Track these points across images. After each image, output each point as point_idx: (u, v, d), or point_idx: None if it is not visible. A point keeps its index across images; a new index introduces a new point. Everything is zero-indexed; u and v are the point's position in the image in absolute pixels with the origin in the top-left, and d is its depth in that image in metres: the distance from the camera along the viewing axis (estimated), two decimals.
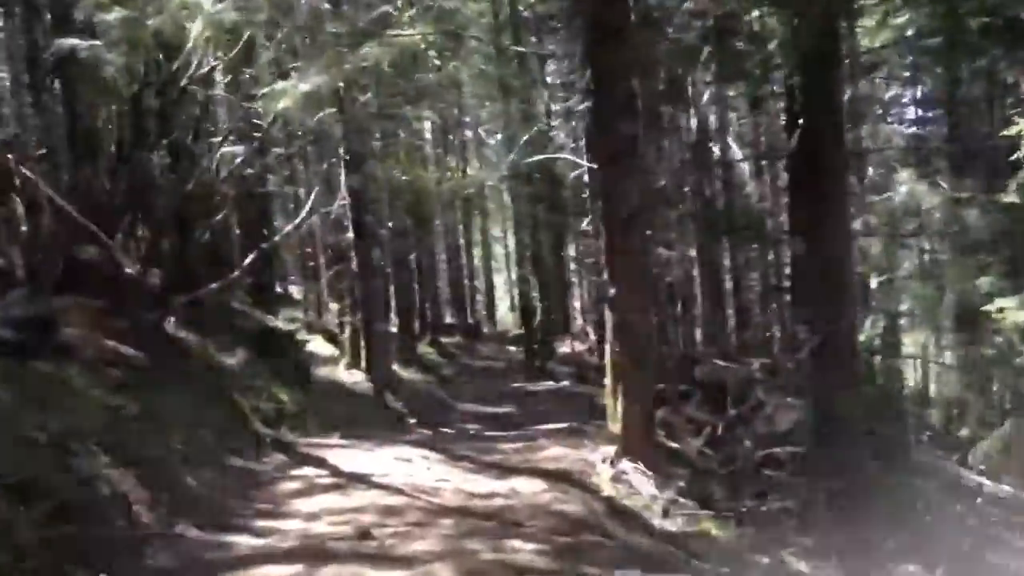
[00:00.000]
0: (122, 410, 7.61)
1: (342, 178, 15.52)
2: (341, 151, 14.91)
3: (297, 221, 12.33)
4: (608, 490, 8.93)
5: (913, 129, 24.58)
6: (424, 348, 25.97)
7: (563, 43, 21.69)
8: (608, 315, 10.00)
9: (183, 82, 9.99)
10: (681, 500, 9.36)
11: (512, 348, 32.91)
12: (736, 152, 15.52)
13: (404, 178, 16.83)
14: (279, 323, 20.63)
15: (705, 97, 15.66)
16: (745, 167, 15.57)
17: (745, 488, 9.92)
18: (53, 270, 8.97)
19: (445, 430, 14.43)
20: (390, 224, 21.76)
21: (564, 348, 29.65)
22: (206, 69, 10.27)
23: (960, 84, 16.62)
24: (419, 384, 18.39)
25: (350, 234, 15.60)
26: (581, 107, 10.99)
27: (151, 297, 10.80)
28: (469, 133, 36.33)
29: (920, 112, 24.85)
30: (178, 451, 7.74)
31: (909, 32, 11.25)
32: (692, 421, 13.34)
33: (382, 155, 16.60)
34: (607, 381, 10.12)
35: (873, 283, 13.81)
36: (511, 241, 45.60)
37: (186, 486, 7.26)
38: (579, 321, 34.87)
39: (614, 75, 9.51)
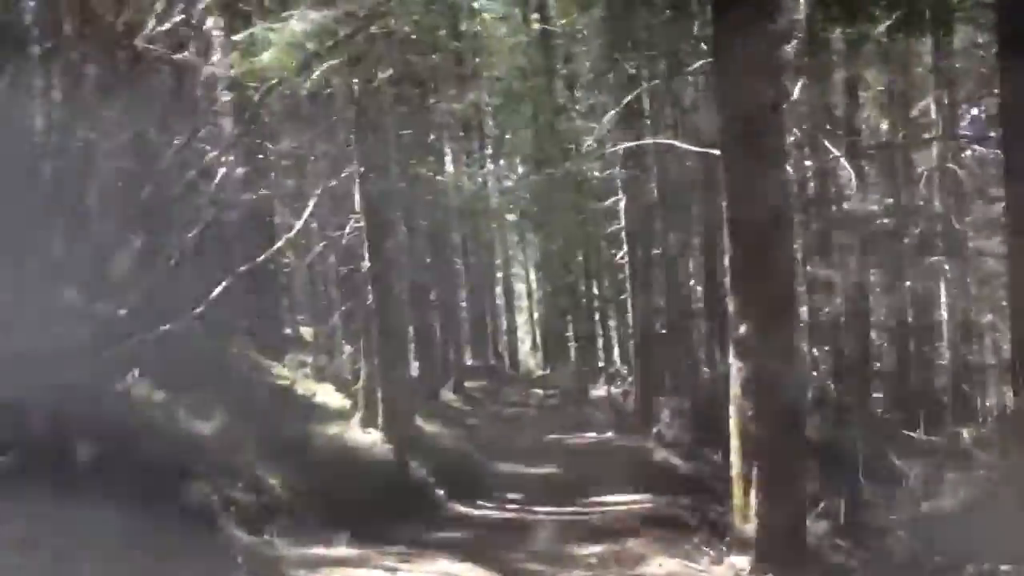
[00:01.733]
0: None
1: (356, 191, 12.37)
2: (352, 149, 11.74)
3: (284, 240, 8.88)
4: None
5: None
6: (447, 395, 22.72)
7: None
8: (734, 362, 6.73)
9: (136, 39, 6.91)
10: None
11: (539, 391, 29.66)
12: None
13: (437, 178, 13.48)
14: (283, 371, 17.48)
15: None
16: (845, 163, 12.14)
17: None
18: None
19: (486, 508, 11.16)
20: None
21: (598, 392, 26.36)
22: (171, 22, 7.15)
23: None
24: (445, 440, 15.11)
25: (365, 263, 12.42)
26: (698, 64, 7.67)
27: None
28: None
29: None
30: None
31: None
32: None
33: (402, 160, 13.46)
34: (732, 457, 6.83)
35: None
36: (532, 276, 42.57)
37: None
38: (611, 362, 31.59)
39: (747, 21, 6.38)
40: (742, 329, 6.56)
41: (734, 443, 6.75)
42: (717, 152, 6.96)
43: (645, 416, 19.96)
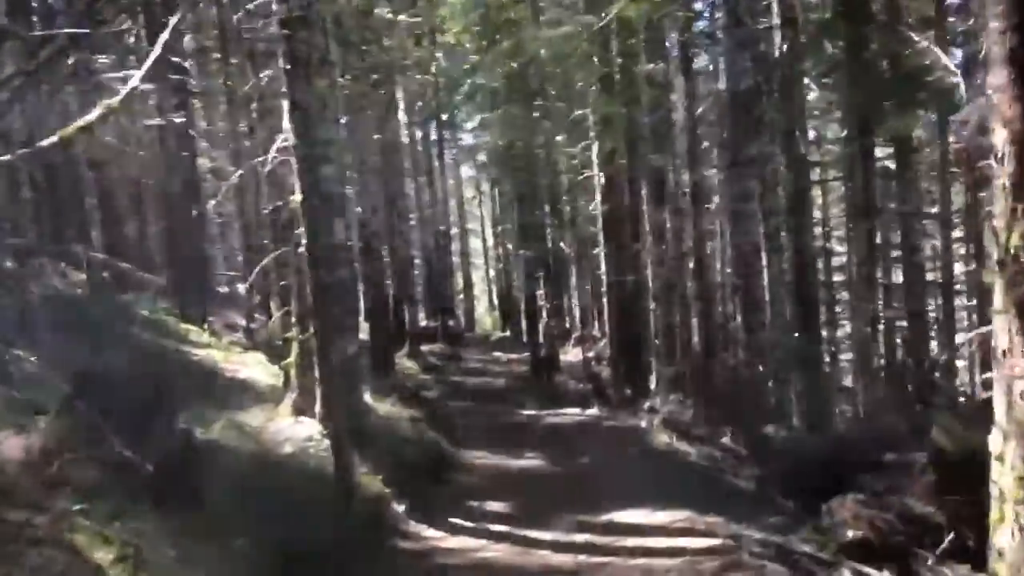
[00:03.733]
0: None
1: (284, 102, 8.74)
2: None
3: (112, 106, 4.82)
4: None
5: None
6: (403, 362, 19.23)
7: None
8: (1002, 343, 3.25)
9: None
10: None
11: (500, 355, 26.33)
12: None
13: None
14: (204, 338, 13.85)
15: None
16: None
17: None
18: None
19: (462, 532, 7.71)
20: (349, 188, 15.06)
21: (569, 356, 23.06)
22: None
23: None
24: (401, 423, 11.60)
25: (296, 195, 8.80)
26: None
27: None
28: None
29: None
30: None
31: None
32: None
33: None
34: (1000, 478, 3.38)
35: None
36: (489, 231, 39.10)
37: None
38: (578, 322, 28.29)
39: None
40: None
41: (1001, 457, 3.32)
42: None
43: (634, 387, 16.68)
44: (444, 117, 34.69)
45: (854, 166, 16.59)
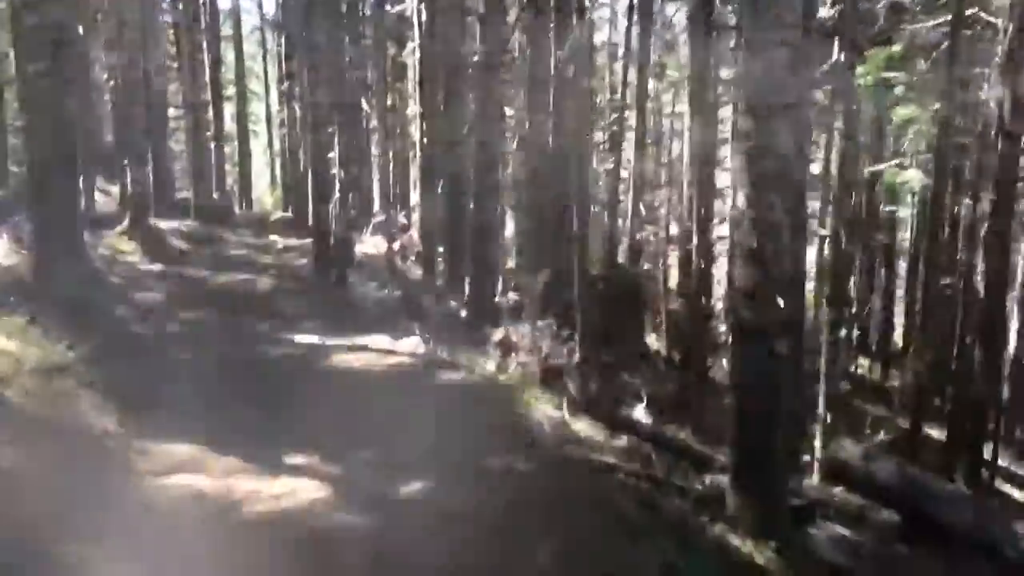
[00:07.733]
0: None
1: None
2: None
3: None
4: None
5: None
6: (117, 243, 11.91)
7: None
8: None
9: None
10: None
11: (277, 239, 19.19)
12: None
13: None
14: None
15: None
16: None
17: None
18: None
19: None
20: None
21: (365, 247, 16.31)
22: None
23: None
24: (16, 379, 4.80)
25: None
26: None
27: None
28: None
29: None
30: None
31: None
32: None
33: None
34: None
35: None
36: (274, 95, 31.03)
37: None
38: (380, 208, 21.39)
39: None
40: None
41: None
42: None
43: (474, 304, 10.31)
44: None
45: None
